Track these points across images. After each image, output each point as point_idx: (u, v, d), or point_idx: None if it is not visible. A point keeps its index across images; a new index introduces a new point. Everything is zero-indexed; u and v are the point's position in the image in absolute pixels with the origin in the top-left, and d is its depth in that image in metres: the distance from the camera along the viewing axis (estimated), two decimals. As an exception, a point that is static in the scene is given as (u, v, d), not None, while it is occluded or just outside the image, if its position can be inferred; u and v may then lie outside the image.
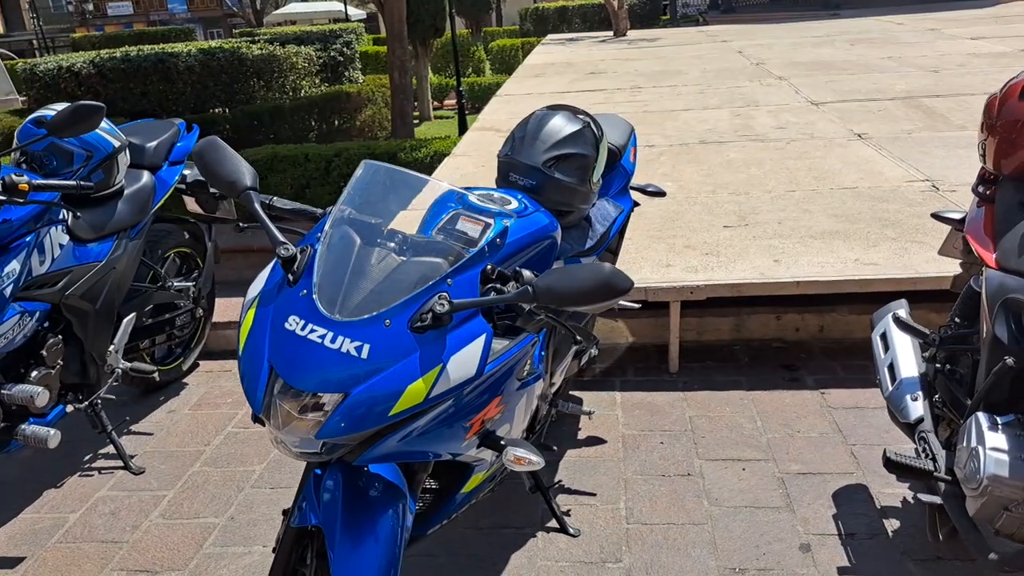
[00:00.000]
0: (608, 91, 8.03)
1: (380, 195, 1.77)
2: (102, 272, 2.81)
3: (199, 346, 3.61)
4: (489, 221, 1.82)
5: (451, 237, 1.79)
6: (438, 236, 1.79)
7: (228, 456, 2.94)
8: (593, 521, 2.45)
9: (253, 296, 1.62)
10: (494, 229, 1.78)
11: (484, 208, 1.86)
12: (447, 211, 1.86)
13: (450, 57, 17.97)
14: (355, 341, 1.46)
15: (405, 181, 1.78)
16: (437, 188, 1.85)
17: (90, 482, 2.81)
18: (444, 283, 1.56)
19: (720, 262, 3.47)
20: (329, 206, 1.85)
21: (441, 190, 1.85)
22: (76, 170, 2.78)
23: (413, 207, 1.88)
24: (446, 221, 1.84)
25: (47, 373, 2.65)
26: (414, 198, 1.86)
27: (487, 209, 1.86)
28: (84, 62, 10.19)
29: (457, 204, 1.86)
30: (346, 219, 1.68)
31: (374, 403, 1.45)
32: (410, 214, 1.88)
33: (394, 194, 1.77)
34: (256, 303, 1.59)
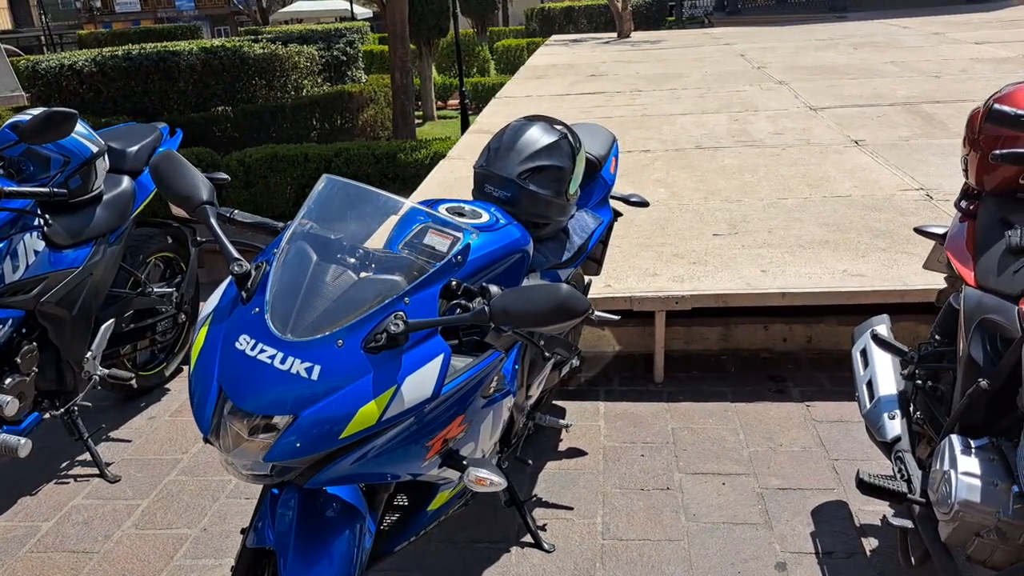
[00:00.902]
0: (608, 94, 7.99)
1: (341, 210, 1.74)
2: (79, 278, 2.79)
3: (182, 351, 3.59)
4: (458, 235, 1.79)
5: (417, 252, 1.76)
6: (404, 251, 1.76)
7: (205, 465, 2.91)
8: (568, 536, 2.42)
9: (207, 313, 1.59)
10: (460, 244, 1.75)
11: (453, 222, 1.83)
12: (416, 223, 1.83)
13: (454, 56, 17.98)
14: (305, 362, 1.43)
15: (367, 197, 1.74)
16: (397, 205, 1.81)
17: (65, 490, 2.79)
18: (401, 302, 1.53)
19: (707, 271, 3.43)
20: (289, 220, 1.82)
21: (404, 208, 1.82)
22: (53, 176, 2.76)
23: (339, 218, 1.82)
24: (413, 235, 1.81)
25: (21, 380, 2.63)
26: (376, 214, 1.82)
27: (455, 223, 1.83)
28: (86, 60, 10.20)
29: (426, 218, 1.83)
30: (304, 234, 1.65)
31: (324, 425, 1.42)
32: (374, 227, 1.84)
33: (355, 210, 1.74)
34: (209, 321, 1.57)
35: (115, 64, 10.13)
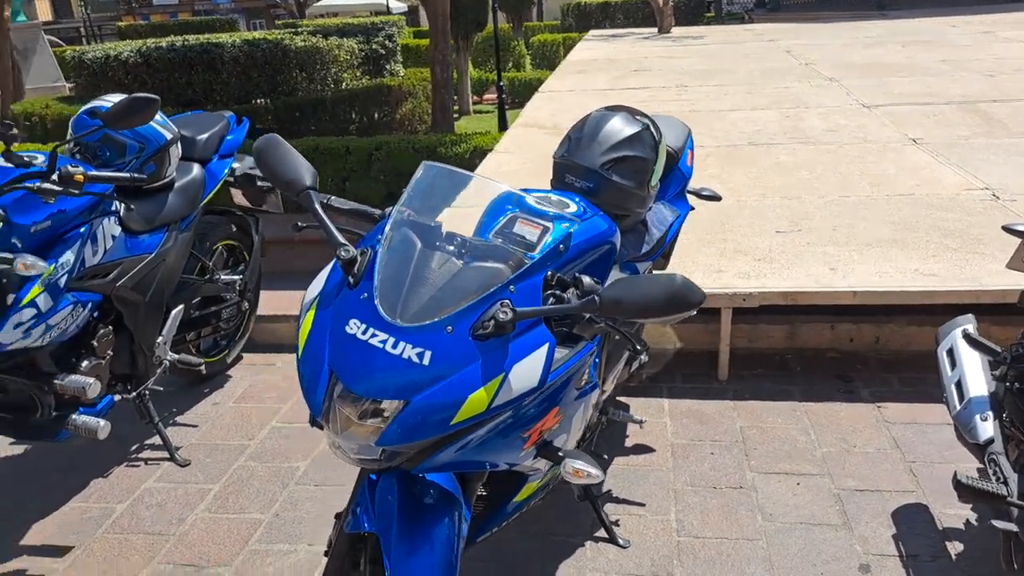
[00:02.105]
0: (653, 89, 7.92)
1: (440, 196, 1.73)
2: (153, 264, 2.82)
3: (243, 339, 3.61)
4: (548, 225, 1.77)
5: (509, 241, 1.74)
6: (496, 239, 1.74)
7: (273, 451, 2.93)
8: (643, 532, 2.40)
9: (312, 297, 1.59)
10: (555, 234, 1.72)
11: (542, 211, 1.81)
12: (504, 213, 1.81)
13: (490, 51, 17.92)
14: (417, 347, 1.42)
15: (464, 182, 1.74)
16: (495, 189, 1.80)
17: (137, 473, 2.82)
18: (506, 290, 1.51)
19: (773, 268, 3.38)
20: (388, 206, 1.81)
21: (499, 191, 1.80)
22: (129, 161, 2.78)
23: (469, 206, 1.83)
24: (503, 224, 1.79)
25: (97, 363, 2.65)
26: (473, 199, 1.82)
27: (545, 212, 1.81)
28: (131, 51, 10.32)
29: (514, 207, 1.81)
30: (406, 221, 1.64)
31: (435, 411, 1.41)
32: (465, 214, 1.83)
33: (453, 195, 1.73)
34: (315, 305, 1.56)
35: (160, 55, 10.25)
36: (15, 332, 2.29)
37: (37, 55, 15.95)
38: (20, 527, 2.56)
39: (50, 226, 2.42)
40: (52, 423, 2.50)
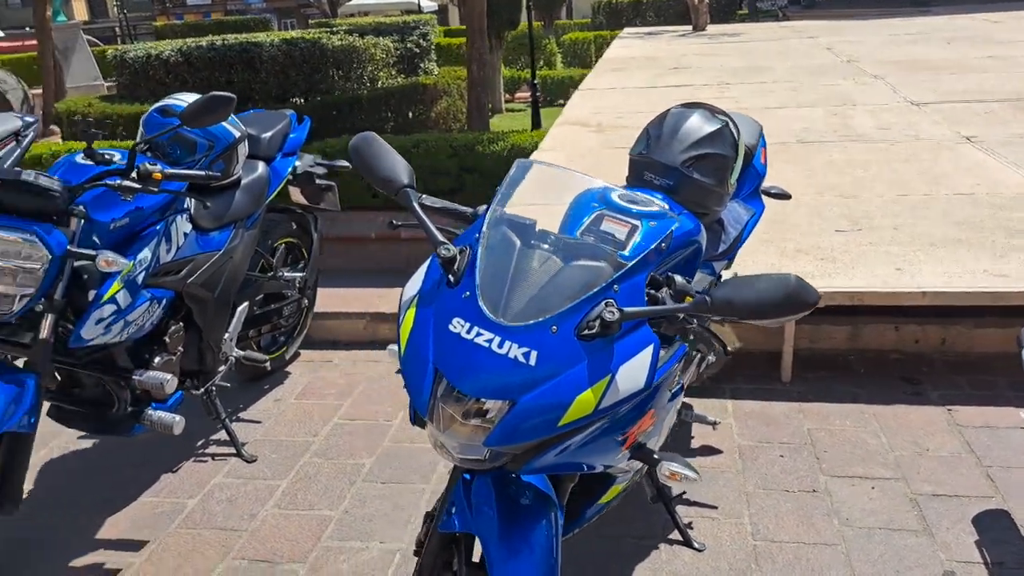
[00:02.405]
0: (694, 87, 7.85)
1: (534, 193, 1.71)
2: (221, 261, 2.84)
3: (301, 335, 3.63)
4: (635, 223, 1.75)
5: (599, 239, 1.72)
6: (587, 237, 1.73)
7: (337, 448, 2.94)
8: (717, 536, 2.37)
9: (411, 296, 1.59)
10: (652, 232, 1.70)
11: (629, 209, 1.79)
12: (590, 211, 1.79)
13: (521, 50, 17.92)
14: (523, 347, 1.41)
15: (558, 178, 1.72)
16: (587, 184, 1.79)
17: (205, 468, 2.85)
18: (611, 289, 1.49)
19: (837, 268, 3.33)
20: (480, 205, 1.81)
21: (591, 185, 1.79)
22: (198, 159, 2.80)
23: (552, 203, 1.82)
24: (590, 222, 1.78)
25: (169, 360, 2.68)
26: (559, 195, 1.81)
27: (631, 210, 1.79)
28: (172, 50, 10.43)
29: (600, 204, 1.79)
30: (502, 219, 1.63)
31: (542, 412, 1.40)
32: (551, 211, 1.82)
33: (547, 191, 1.72)
34: (415, 303, 1.56)
35: (200, 54, 10.34)
36: (96, 328, 2.32)
37: (76, 54, 16.20)
38: (95, 520, 2.59)
39: (128, 223, 2.44)
40: (127, 418, 2.52)
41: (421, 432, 2.98)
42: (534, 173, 1.74)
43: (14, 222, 2.15)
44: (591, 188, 1.82)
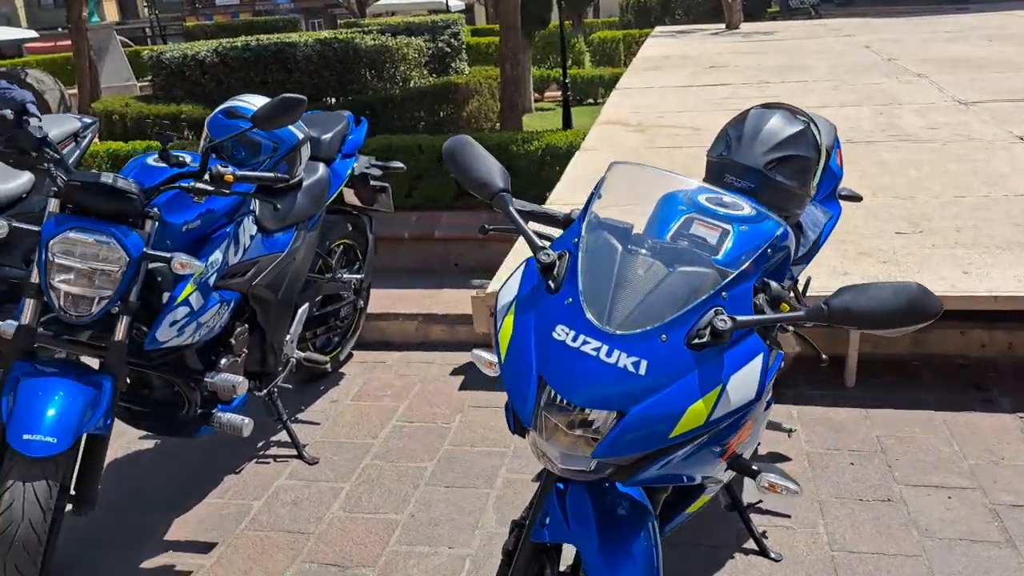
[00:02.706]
0: (733, 85, 7.77)
1: (630, 196, 1.69)
2: (284, 262, 2.83)
3: (355, 336, 3.63)
4: (726, 227, 1.71)
5: (690, 243, 1.69)
6: (681, 242, 1.69)
7: (397, 451, 2.93)
8: (793, 546, 2.33)
9: (507, 302, 1.56)
10: (743, 238, 1.66)
11: (718, 212, 1.75)
12: (678, 214, 1.76)
13: (550, 49, 17.86)
14: (632, 356, 1.38)
15: (654, 179, 1.69)
16: (680, 183, 1.75)
17: (267, 470, 2.85)
18: (719, 297, 1.46)
19: (902, 272, 3.26)
20: (572, 207, 1.78)
21: (681, 186, 1.75)
22: (263, 161, 2.80)
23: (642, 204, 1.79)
24: (679, 225, 1.75)
25: (234, 361, 2.67)
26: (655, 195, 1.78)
27: (720, 213, 1.75)
28: (208, 51, 10.51)
29: (688, 207, 1.76)
30: (600, 223, 1.60)
31: (654, 423, 1.37)
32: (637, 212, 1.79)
33: (643, 194, 1.69)
34: (514, 309, 1.53)
35: (236, 55, 10.42)
36: (170, 330, 2.32)
37: (110, 55, 16.40)
38: (162, 521, 2.60)
39: (199, 225, 2.45)
40: (196, 420, 2.53)
41: (481, 436, 2.99)
42: (626, 174, 1.71)
43: (93, 224, 2.16)
44: (678, 189, 1.79)
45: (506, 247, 6.83)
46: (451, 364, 3.58)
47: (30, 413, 2.00)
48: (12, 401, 2.04)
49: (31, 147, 2.21)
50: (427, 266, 7.09)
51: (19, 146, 2.22)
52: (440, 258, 7.19)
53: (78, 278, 2.14)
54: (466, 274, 6.72)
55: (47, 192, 3.34)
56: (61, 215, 2.17)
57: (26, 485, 1.96)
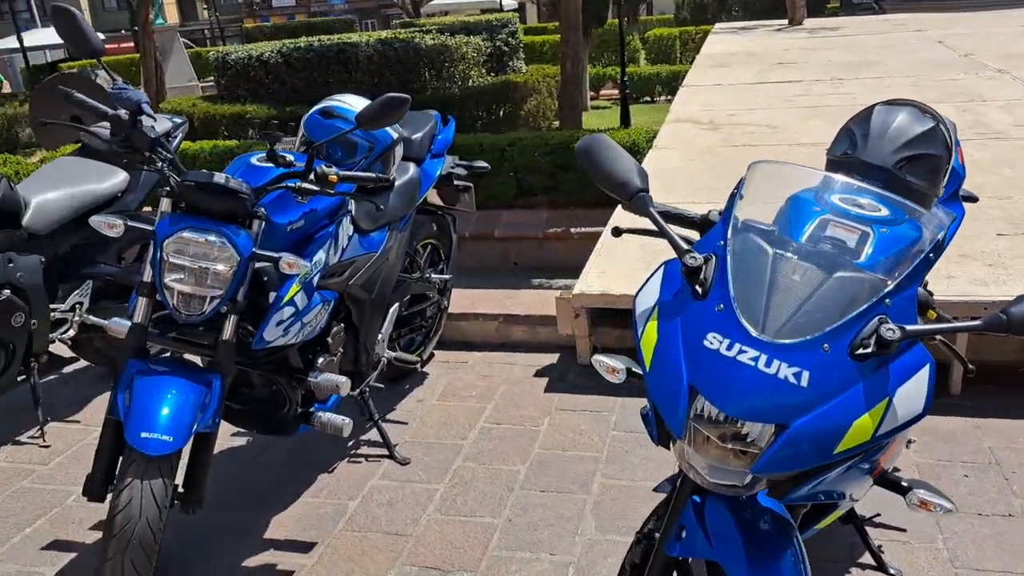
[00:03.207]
0: (805, 82, 7.60)
1: (772, 195, 1.62)
2: (378, 263, 2.82)
3: (436, 336, 3.61)
4: (865, 229, 1.63)
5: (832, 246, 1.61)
6: (822, 245, 1.62)
7: (488, 453, 2.90)
8: (912, 562, 2.23)
9: (649, 307, 1.51)
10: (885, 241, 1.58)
11: (854, 213, 1.67)
12: (812, 215, 1.68)
13: (604, 47, 17.75)
14: (792, 366, 1.32)
15: (797, 177, 1.62)
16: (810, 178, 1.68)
17: (360, 469, 2.84)
18: (882, 304, 1.39)
19: (1010, 275, 3.12)
20: (710, 208, 1.72)
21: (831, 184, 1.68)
22: (358, 161, 2.80)
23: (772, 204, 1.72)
24: (815, 227, 1.67)
25: (330, 361, 2.67)
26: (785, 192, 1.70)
27: (858, 214, 1.67)
28: (272, 51, 10.67)
29: (823, 208, 1.68)
30: (745, 225, 1.54)
31: (817, 438, 1.30)
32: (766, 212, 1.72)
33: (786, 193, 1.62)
34: (656, 315, 1.48)
35: (299, 55, 10.55)
36: (276, 330, 2.33)
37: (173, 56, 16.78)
38: (260, 520, 2.61)
39: (303, 225, 2.45)
40: (296, 419, 2.53)
41: (572, 440, 2.94)
42: (766, 173, 1.64)
43: (206, 224, 2.17)
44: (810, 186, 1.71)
45: (566, 246, 6.77)
46: (533, 365, 3.54)
47: (147, 411, 2.02)
48: (128, 399, 2.06)
49: (145, 147, 2.23)
50: (486, 265, 7.08)
51: (134, 146, 2.24)
52: (500, 257, 7.17)
53: (190, 277, 2.15)
54: (526, 273, 6.70)
55: (142, 190, 3.41)
56: (174, 215, 2.19)
57: (143, 483, 1.97)
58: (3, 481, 2.88)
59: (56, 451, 3.06)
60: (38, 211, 3.06)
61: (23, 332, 2.93)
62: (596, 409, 3.13)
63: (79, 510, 2.66)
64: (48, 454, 3.04)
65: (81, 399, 3.46)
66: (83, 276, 3.28)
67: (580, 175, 7.24)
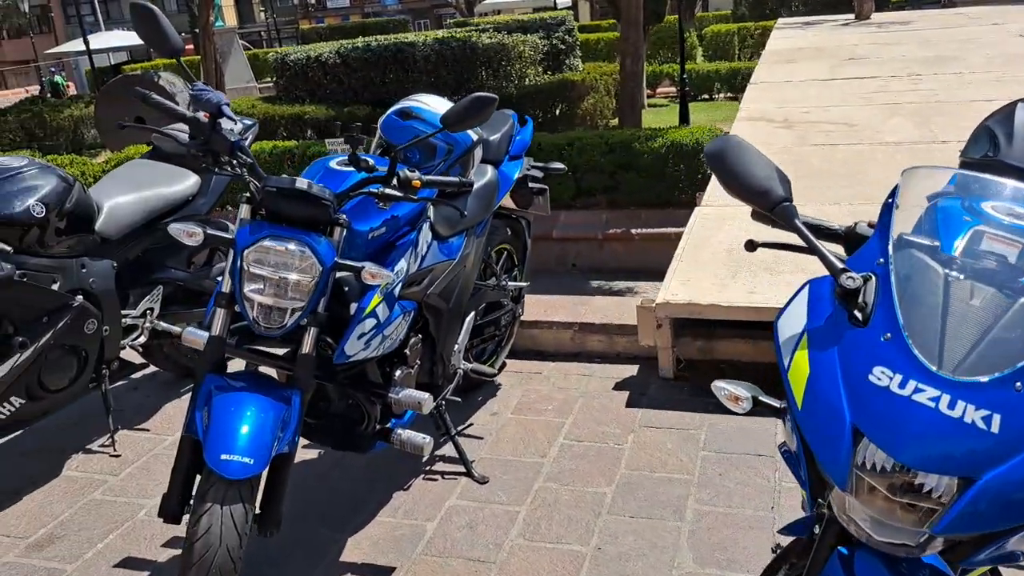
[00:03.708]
0: (881, 78, 7.26)
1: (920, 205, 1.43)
2: (456, 270, 2.69)
3: (508, 345, 3.47)
4: None
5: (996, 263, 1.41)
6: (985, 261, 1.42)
7: (571, 472, 2.74)
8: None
9: (796, 333, 1.32)
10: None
11: (1003, 222, 1.46)
12: (963, 226, 1.48)
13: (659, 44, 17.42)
14: (981, 408, 1.13)
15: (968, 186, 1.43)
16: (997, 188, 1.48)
17: (436, 488, 2.71)
18: (1077, 334, 1.19)
19: None
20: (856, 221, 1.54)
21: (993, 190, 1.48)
22: (436, 164, 2.67)
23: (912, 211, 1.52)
24: (968, 240, 1.47)
25: (408, 374, 2.54)
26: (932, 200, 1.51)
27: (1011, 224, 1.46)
28: (331, 52, 10.67)
29: (974, 218, 1.47)
30: (906, 240, 1.35)
31: (1014, 493, 1.11)
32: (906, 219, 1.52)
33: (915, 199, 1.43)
34: (806, 343, 1.30)
35: (357, 55, 10.53)
36: (358, 343, 2.21)
37: (232, 57, 16.99)
38: (336, 540, 2.49)
39: (384, 232, 2.33)
40: (373, 436, 2.41)
41: (660, 460, 2.76)
42: (921, 179, 1.45)
43: (288, 232, 2.05)
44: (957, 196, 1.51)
45: (625, 248, 6.56)
46: (612, 377, 3.37)
47: (227, 432, 1.91)
48: (207, 417, 1.95)
49: (226, 151, 2.12)
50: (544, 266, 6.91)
51: (213, 150, 2.14)
52: (558, 258, 7.00)
53: (271, 288, 2.04)
54: (584, 275, 6.52)
55: (213, 194, 3.33)
56: (255, 222, 2.08)
57: (224, 508, 1.87)
58: (75, 492, 2.82)
59: (127, 460, 3.00)
60: (110, 215, 3.00)
61: (95, 339, 2.88)
62: (683, 427, 2.95)
63: (151, 525, 2.58)
64: (119, 464, 2.98)
65: (150, 406, 3.40)
66: (153, 281, 3.22)
67: (641, 174, 7.03)
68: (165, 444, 3.09)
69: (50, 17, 36.71)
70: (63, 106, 14.20)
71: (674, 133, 7.72)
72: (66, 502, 2.76)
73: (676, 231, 6.50)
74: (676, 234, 6.31)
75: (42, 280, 2.69)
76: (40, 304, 2.69)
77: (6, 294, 2.54)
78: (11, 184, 2.65)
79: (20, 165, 2.71)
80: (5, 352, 2.60)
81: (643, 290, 6.18)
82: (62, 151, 12.24)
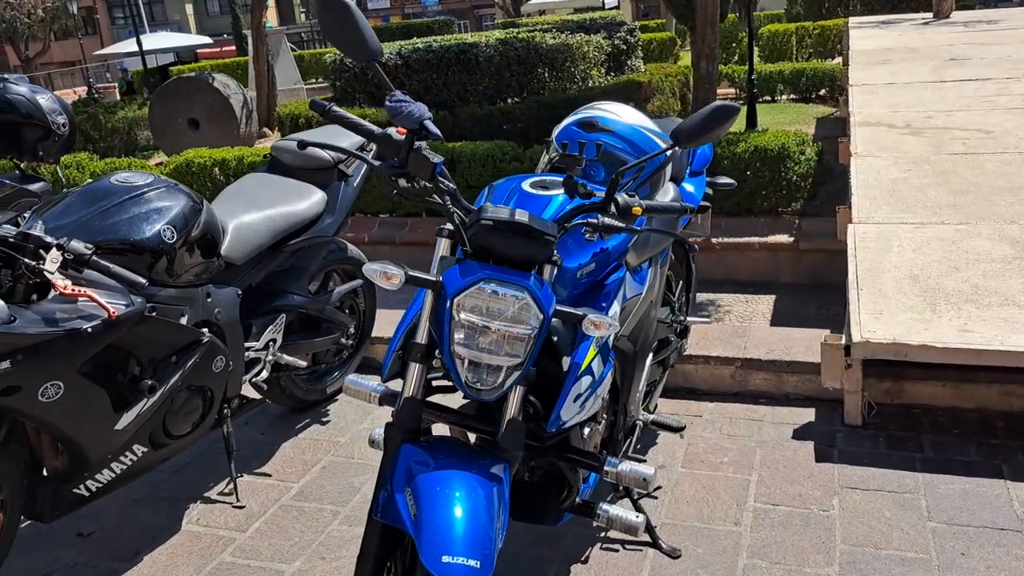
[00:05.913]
0: (996, 80, 6.76)
1: None
2: (643, 305, 2.31)
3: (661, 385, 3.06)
4: None
5: None
6: None
7: (777, 546, 2.34)
8: None
9: None
10: None
11: None
12: None
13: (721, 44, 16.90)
14: None
15: None
16: None
17: (620, 561, 2.32)
18: None
19: None
20: None
21: None
22: (626, 183, 2.28)
23: None
24: None
25: (595, 430, 2.16)
26: None
27: None
28: (392, 53, 10.35)
29: None
30: None
31: None
32: None
33: None
34: None
35: (418, 57, 10.20)
36: (574, 406, 1.83)
37: (280, 58, 16.81)
38: (518, 627, 2.12)
39: (593, 269, 1.95)
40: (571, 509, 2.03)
41: (883, 533, 2.33)
42: None
43: (504, 274, 1.67)
44: None
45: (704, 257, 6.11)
46: (786, 423, 2.96)
47: (444, 527, 1.53)
48: (413, 503, 1.58)
49: (426, 176, 1.74)
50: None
51: (409, 174, 1.76)
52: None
53: (486, 341, 1.66)
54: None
55: (340, 212, 2.99)
56: (468, 262, 1.70)
57: (446, 621, 1.50)
58: (200, 552, 2.48)
59: (252, 513, 2.66)
60: (236, 237, 2.65)
61: (223, 377, 2.54)
62: (895, 489, 2.53)
63: (298, 602, 2.23)
64: (244, 517, 2.64)
65: (267, 446, 3.06)
66: (276, 309, 2.87)
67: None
68: (291, 494, 2.75)
69: (95, 19, 36.96)
70: (117, 108, 14.10)
71: (756, 138, 7.28)
72: (193, 565, 2.42)
73: (759, 240, 6.10)
74: (760, 244, 5.91)
75: (170, 313, 2.35)
76: (169, 341, 2.35)
77: (136, 331, 2.20)
78: (137, 206, 2.31)
79: (146, 183, 2.37)
80: (132, 397, 2.26)
81: (726, 304, 5.79)
82: (117, 153, 12.09)
